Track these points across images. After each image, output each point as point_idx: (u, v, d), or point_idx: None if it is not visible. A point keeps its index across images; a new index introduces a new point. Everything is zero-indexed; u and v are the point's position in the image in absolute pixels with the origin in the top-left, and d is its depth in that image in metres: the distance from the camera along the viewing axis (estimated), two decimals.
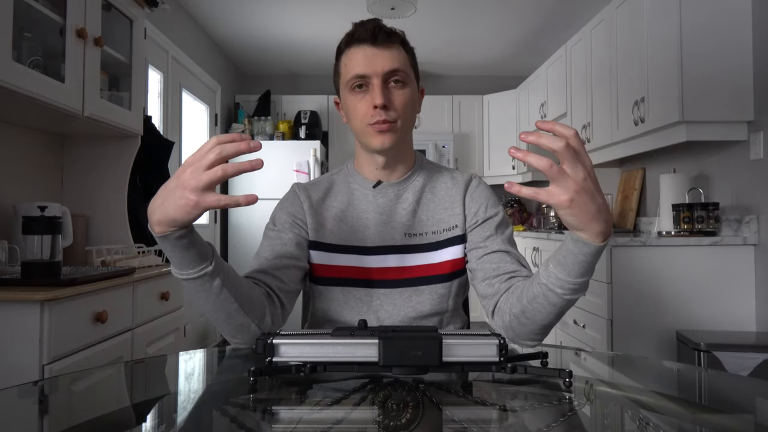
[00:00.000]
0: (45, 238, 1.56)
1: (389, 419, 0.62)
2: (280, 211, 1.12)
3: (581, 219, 0.77)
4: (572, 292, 0.86)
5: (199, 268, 0.84)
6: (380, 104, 1.00)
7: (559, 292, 0.87)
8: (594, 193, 0.75)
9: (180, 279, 0.86)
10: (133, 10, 2.24)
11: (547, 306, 0.89)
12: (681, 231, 2.53)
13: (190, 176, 0.75)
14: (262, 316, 0.95)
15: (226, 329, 0.94)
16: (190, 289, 0.87)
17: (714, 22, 2.35)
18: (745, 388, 0.86)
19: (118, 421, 0.67)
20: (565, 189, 0.74)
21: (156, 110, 3.48)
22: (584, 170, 0.74)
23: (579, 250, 0.82)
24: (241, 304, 0.90)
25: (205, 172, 0.74)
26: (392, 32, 1.04)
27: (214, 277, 0.86)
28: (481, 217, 1.09)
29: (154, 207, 0.79)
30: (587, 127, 3.39)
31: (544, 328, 0.95)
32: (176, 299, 2.22)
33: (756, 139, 2.31)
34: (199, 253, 0.83)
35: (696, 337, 2.10)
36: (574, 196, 0.74)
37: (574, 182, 0.74)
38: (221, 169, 0.74)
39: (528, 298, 0.91)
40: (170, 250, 0.82)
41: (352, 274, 1.08)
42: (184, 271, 0.84)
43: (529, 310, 0.92)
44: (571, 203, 0.75)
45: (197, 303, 0.89)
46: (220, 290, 0.87)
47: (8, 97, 1.60)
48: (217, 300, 0.88)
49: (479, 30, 4.30)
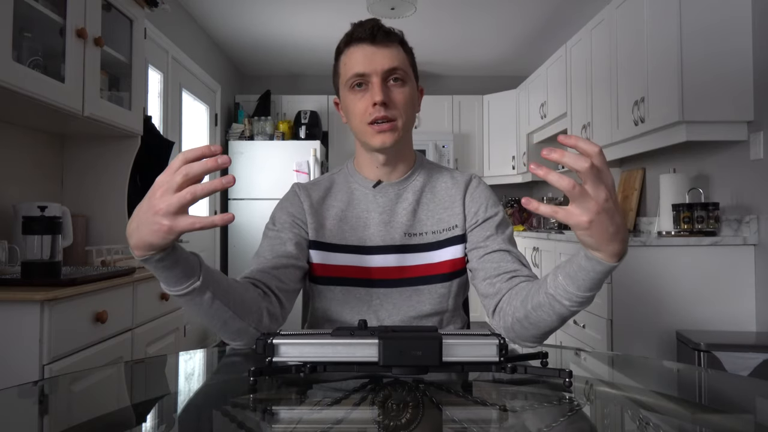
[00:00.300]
0: (45, 238, 1.56)
1: (389, 419, 0.62)
2: (279, 211, 1.12)
3: (599, 240, 0.76)
4: (579, 305, 0.86)
5: (187, 284, 0.82)
6: (380, 101, 1.01)
7: (566, 304, 0.86)
8: (614, 214, 0.74)
9: (170, 295, 0.85)
10: (133, 10, 2.25)
11: (551, 315, 0.89)
12: (681, 231, 2.53)
13: (160, 200, 0.71)
14: (259, 318, 0.95)
15: (224, 334, 0.94)
16: (182, 303, 0.87)
17: (714, 22, 2.35)
18: (745, 388, 0.86)
19: (118, 421, 0.67)
20: (585, 210, 0.73)
21: (156, 110, 3.48)
22: (606, 191, 0.72)
23: (592, 267, 0.81)
24: (235, 311, 0.90)
25: (174, 195, 0.70)
26: (391, 32, 1.05)
27: (204, 291, 0.84)
28: (482, 216, 1.09)
29: (130, 231, 0.76)
30: (587, 127, 3.39)
31: (545, 333, 0.95)
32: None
33: (756, 139, 2.31)
34: (184, 271, 0.81)
35: (696, 337, 2.10)
36: (594, 217, 0.73)
37: (595, 203, 0.72)
38: (190, 192, 0.70)
39: (533, 304, 0.91)
40: (154, 271, 0.80)
41: (352, 273, 1.08)
42: (172, 288, 0.83)
43: (533, 317, 0.92)
44: (590, 224, 0.73)
45: (191, 314, 0.90)
46: (211, 302, 0.86)
47: (8, 97, 1.60)
48: (210, 311, 0.87)
49: (479, 30, 4.30)
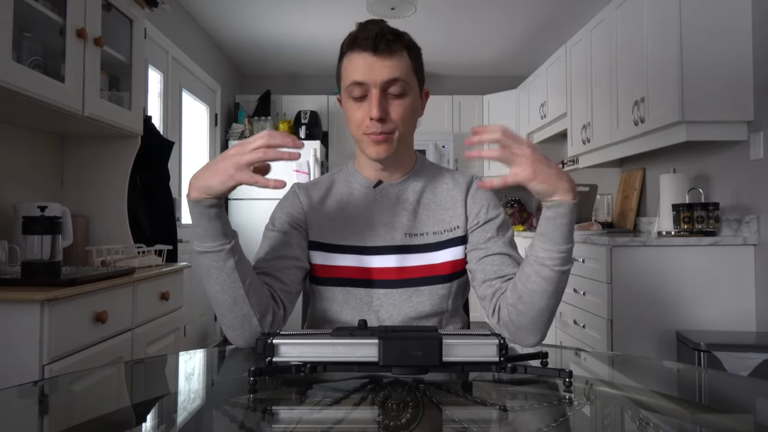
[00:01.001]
0: (45, 238, 1.56)
1: (389, 419, 0.62)
2: (279, 212, 1.12)
3: (549, 182, 0.88)
4: (561, 262, 0.93)
5: (220, 242, 0.91)
6: (376, 117, 0.99)
7: (549, 263, 0.93)
8: (547, 161, 0.89)
9: (198, 252, 0.92)
10: (133, 10, 2.24)
11: (541, 283, 0.94)
12: (681, 231, 2.53)
13: (235, 152, 0.86)
14: (265, 312, 0.97)
15: (228, 318, 0.95)
16: (205, 264, 0.93)
17: (714, 22, 2.35)
18: (745, 388, 0.86)
19: (118, 421, 0.67)
20: (522, 165, 0.87)
21: (156, 110, 3.48)
22: (528, 146, 0.88)
23: (556, 213, 0.91)
24: (247, 292, 0.94)
25: (249, 152, 0.85)
26: (395, 38, 1.01)
27: (230, 256, 0.92)
28: (483, 218, 1.09)
29: (195, 175, 0.89)
30: (587, 127, 3.39)
31: (542, 312, 0.96)
32: (176, 299, 2.22)
33: (756, 139, 2.31)
34: (222, 228, 0.91)
35: (696, 337, 2.10)
36: (532, 167, 0.87)
37: (526, 157, 0.87)
38: (262, 151, 0.84)
39: (521, 281, 0.96)
40: (197, 219, 0.90)
41: (353, 274, 1.08)
42: (205, 243, 0.91)
43: (524, 294, 0.95)
44: (534, 173, 0.87)
45: (208, 281, 0.94)
46: (231, 271, 0.92)
47: (8, 97, 1.60)
48: (227, 280, 0.92)
49: (479, 30, 4.30)
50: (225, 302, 0.94)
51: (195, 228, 0.92)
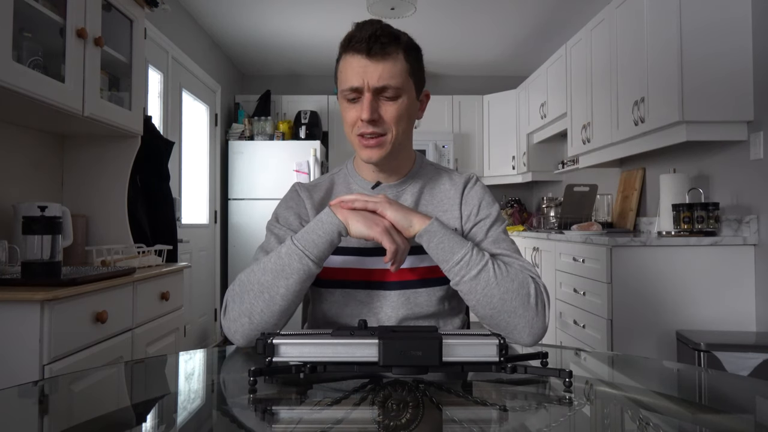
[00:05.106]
0: (45, 238, 1.56)
1: (389, 419, 0.62)
2: (285, 210, 1.12)
3: (403, 217, 0.97)
4: (464, 271, 0.96)
5: (320, 263, 0.97)
6: (367, 118, 0.99)
7: (457, 279, 0.97)
8: (395, 205, 0.98)
9: (298, 253, 0.95)
10: (133, 10, 2.24)
11: (471, 298, 0.97)
12: (681, 231, 2.53)
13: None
14: (281, 327, 0.98)
15: (256, 305, 0.95)
16: (292, 266, 0.95)
17: (714, 22, 2.35)
18: (745, 388, 0.86)
19: (118, 421, 0.67)
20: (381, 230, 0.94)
21: (156, 110, 3.48)
22: (378, 208, 0.96)
23: (428, 239, 0.97)
24: (290, 307, 0.97)
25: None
26: (390, 40, 1.00)
27: (313, 277, 0.98)
28: (473, 219, 1.10)
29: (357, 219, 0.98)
30: (587, 127, 3.39)
31: (503, 313, 0.96)
32: (176, 299, 2.22)
33: (756, 139, 2.31)
34: (329, 255, 0.99)
35: (696, 337, 2.10)
36: (386, 226, 0.95)
37: (381, 220, 0.96)
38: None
39: (465, 301, 1.01)
40: (328, 239, 0.96)
41: (352, 276, 1.08)
42: (312, 252, 0.95)
43: (476, 309, 0.99)
44: (388, 232, 0.95)
45: (279, 277, 0.95)
46: (303, 286, 0.97)
47: (8, 97, 1.60)
48: (295, 290, 0.96)
49: (479, 30, 4.30)
50: (274, 298, 0.95)
51: (316, 238, 0.95)
